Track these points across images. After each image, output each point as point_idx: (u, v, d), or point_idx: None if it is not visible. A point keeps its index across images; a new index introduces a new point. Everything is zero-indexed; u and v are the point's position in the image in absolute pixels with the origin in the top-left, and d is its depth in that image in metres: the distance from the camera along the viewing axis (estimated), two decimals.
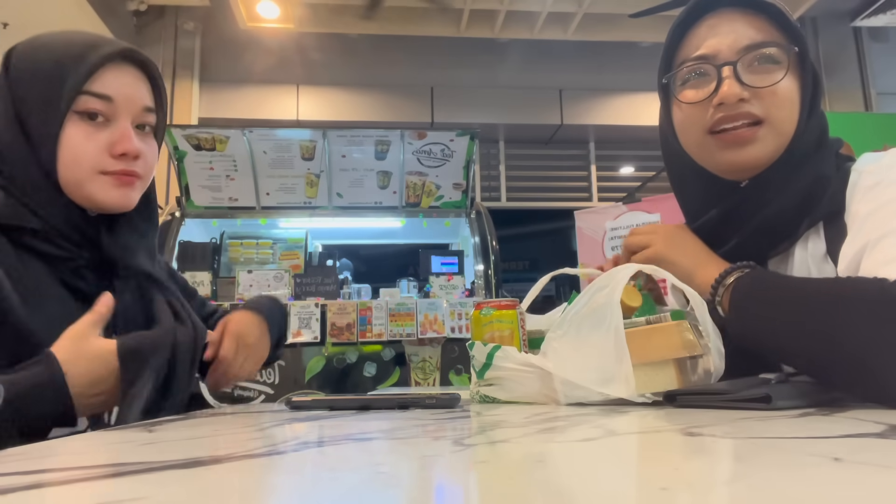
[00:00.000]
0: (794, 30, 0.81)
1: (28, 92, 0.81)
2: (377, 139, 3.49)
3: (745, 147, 0.79)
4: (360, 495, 0.28)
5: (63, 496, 0.28)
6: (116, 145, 0.83)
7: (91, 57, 0.81)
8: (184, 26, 4.87)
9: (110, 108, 0.83)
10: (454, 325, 3.13)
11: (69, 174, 0.81)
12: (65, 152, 0.81)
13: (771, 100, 0.78)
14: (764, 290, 0.72)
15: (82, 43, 0.83)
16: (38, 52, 0.83)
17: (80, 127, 0.81)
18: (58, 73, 0.80)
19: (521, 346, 0.86)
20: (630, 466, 0.37)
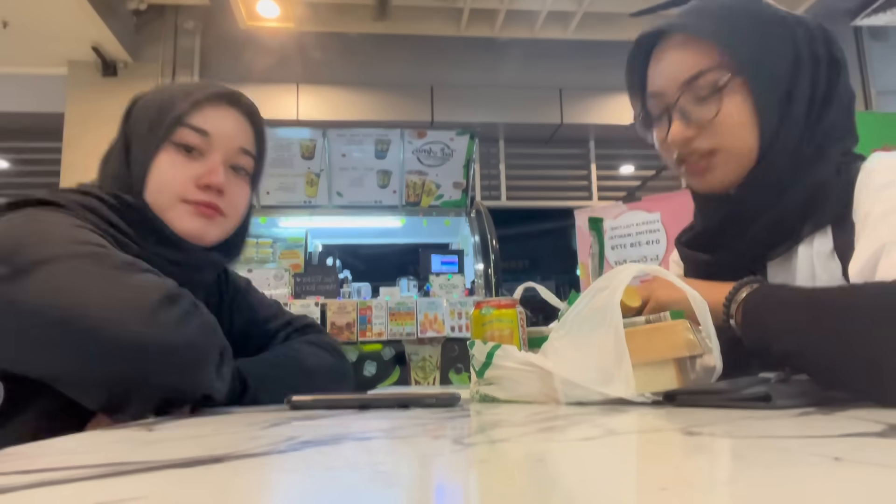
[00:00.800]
0: (740, 46, 0.79)
1: (138, 124, 0.87)
2: (377, 138, 3.49)
3: (705, 175, 0.83)
4: (360, 495, 0.28)
5: (63, 496, 0.28)
6: (202, 177, 0.86)
7: (197, 94, 0.87)
8: (184, 25, 4.86)
9: (205, 143, 0.87)
10: (454, 325, 3.13)
11: (154, 199, 0.85)
12: (153, 177, 0.85)
13: (718, 129, 0.80)
14: (777, 300, 0.71)
15: (195, 85, 0.90)
16: (155, 93, 0.90)
17: (173, 156, 0.86)
18: (165, 106, 0.86)
19: (521, 345, 0.86)
20: (630, 466, 0.37)
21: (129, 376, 0.66)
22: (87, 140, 4.48)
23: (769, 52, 0.79)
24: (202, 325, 0.72)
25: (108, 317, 0.64)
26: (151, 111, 0.87)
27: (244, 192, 0.93)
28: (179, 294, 0.71)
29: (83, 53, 4.43)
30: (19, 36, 4.18)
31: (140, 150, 0.86)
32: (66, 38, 4.26)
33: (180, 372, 0.68)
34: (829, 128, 0.80)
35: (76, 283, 0.66)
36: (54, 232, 0.71)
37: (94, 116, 4.54)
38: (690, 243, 0.90)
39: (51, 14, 3.97)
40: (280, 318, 1.07)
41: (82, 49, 4.37)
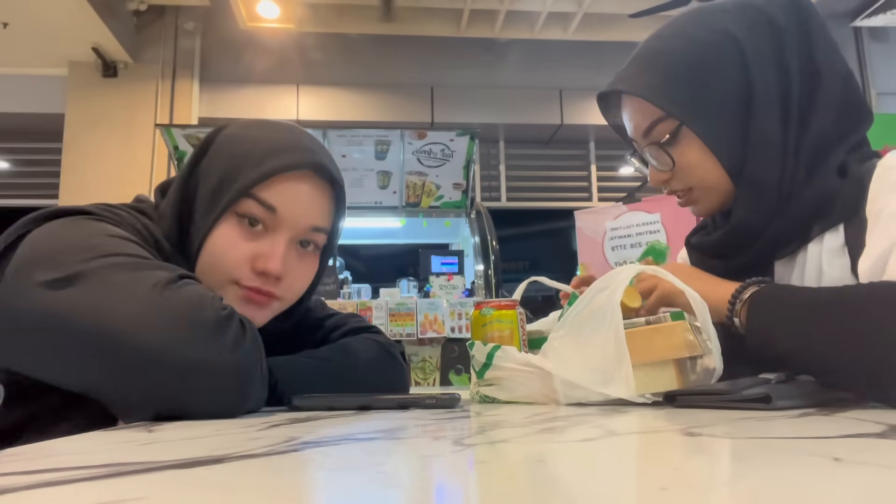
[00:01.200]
0: (677, 94, 0.80)
1: (205, 179, 0.78)
2: (377, 139, 3.49)
3: (693, 206, 0.88)
4: (360, 496, 0.28)
5: (63, 496, 0.28)
6: (259, 260, 0.76)
7: (270, 162, 0.76)
8: (184, 26, 4.86)
9: (272, 219, 0.77)
10: (454, 325, 3.13)
11: (203, 273, 0.76)
12: (207, 251, 0.76)
13: (683, 172, 0.84)
14: (781, 299, 0.71)
15: (271, 143, 0.78)
16: (231, 143, 0.79)
17: (233, 229, 0.76)
18: (234, 168, 0.76)
19: (520, 346, 0.86)
20: (630, 466, 0.37)
21: (177, 399, 0.61)
22: (87, 141, 4.48)
23: (710, 85, 0.79)
24: (252, 347, 0.66)
25: (155, 338, 0.59)
26: (217, 170, 0.77)
27: (309, 271, 0.83)
28: (231, 313, 0.66)
29: (83, 54, 4.44)
30: (19, 36, 4.18)
31: (200, 215, 0.77)
32: (66, 39, 4.27)
33: (232, 396, 0.63)
34: (819, 132, 0.78)
35: (119, 298, 0.61)
36: (96, 241, 0.66)
37: (95, 117, 4.54)
38: (701, 247, 0.91)
39: (51, 15, 3.97)
40: (331, 321, 1.02)
41: (82, 50, 4.38)
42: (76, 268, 0.62)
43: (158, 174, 4.55)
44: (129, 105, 4.62)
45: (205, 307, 0.63)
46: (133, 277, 0.63)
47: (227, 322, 0.64)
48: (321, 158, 0.79)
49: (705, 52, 0.80)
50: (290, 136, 0.80)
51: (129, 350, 0.59)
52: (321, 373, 0.86)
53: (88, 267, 0.62)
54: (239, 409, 0.65)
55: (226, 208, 0.75)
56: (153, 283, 0.62)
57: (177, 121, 4.63)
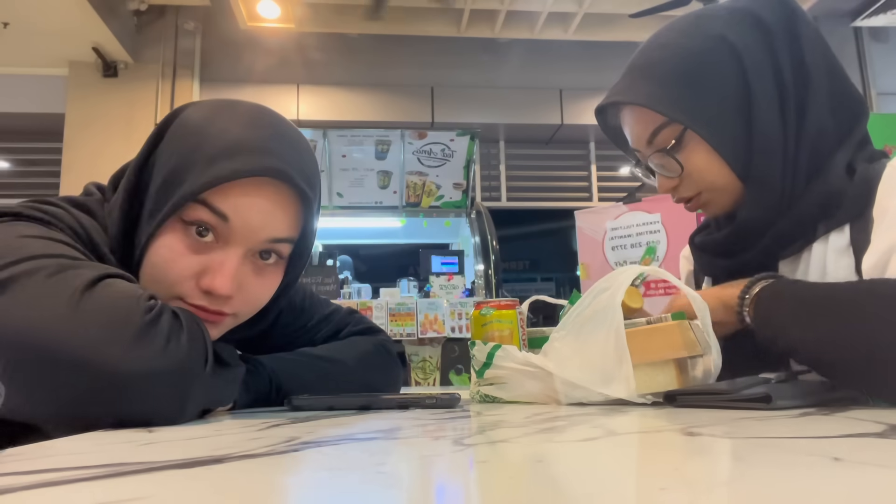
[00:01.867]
0: (677, 99, 0.79)
1: (155, 173, 0.68)
2: (377, 139, 3.49)
3: (703, 209, 0.87)
4: (360, 495, 0.28)
5: (63, 496, 0.28)
6: (206, 276, 0.66)
7: (223, 163, 0.65)
8: (184, 26, 4.86)
9: (224, 228, 0.66)
10: (454, 325, 3.14)
11: (146, 282, 0.67)
12: (149, 261, 0.67)
13: (692, 178, 0.83)
14: (789, 294, 0.71)
15: (228, 139, 0.66)
16: (184, 132, 0.69)
17: (178, 238, 0.66)
18: (182, 165, 0.66)
19: (520, 345, 0.86)
20: (630, 466, 0.37)
21: (110, 412, 0.55)
22: (87, 141, 4.49)
23: (709, 89, 0.79)
24: (190, 345, 0.58)
25: (76, 348, 0.53)
26: (169, 163, 0.67)
27: (269, 284, 0.73)
28: (159, 312, 0.58)
29: (84, 54, 4.44)
30: (20, 36, 4.18)
31: (146, 215, 0.68)
32: (66, 39, 4.27)
33: (168, 402, 0.57)
34: (819, 128, 0.79)
35: (37, 305, 0.55)
36: (17, 244, 0.59)
37: (95, 117, 4.54)
38: (705, 247, 0.91)
39: (51, 14, 3.97)
40: (330, 322, 0.98)
41: (83, 49, 4.38)
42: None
43: None
44: (129, 105, 4.62)
45: (128, 310, 0.56)
46: (53, 281, 0.56)
47: (154, 324, 0.57)
48: (285, 163, 0.67)
49: (701, 57, 0.80)
50: (251, 132, 0.68)
51: (47, 363, 0.53)
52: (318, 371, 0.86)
53: (6, 274, 0.56)
54: (182, 414, 0.58)
55: (170, 213, 0.65)
56: (74, 288, 0.56)
57: None
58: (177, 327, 0.58)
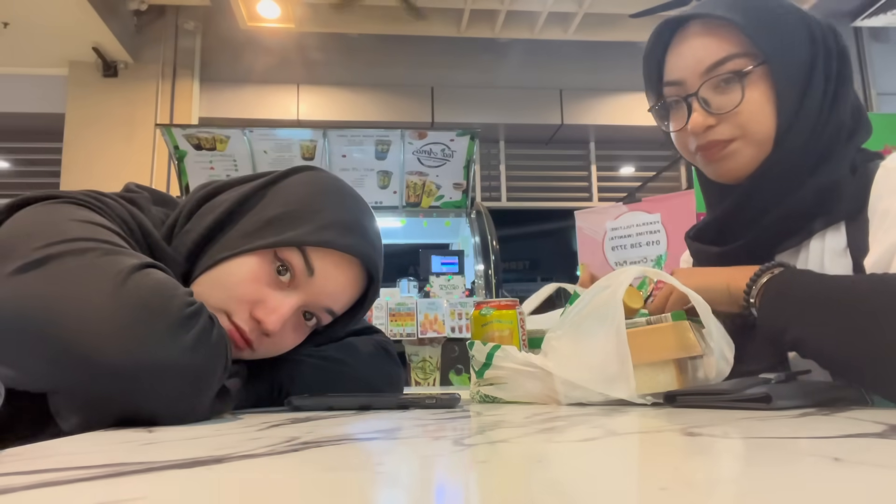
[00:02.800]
0: (763, 33, 0.79)
1: (266, 204, 0.75)
2: (377, 139, 3.49)
3: (722, 162, 0.83)
4: (360, 496, 0.28)
5: (63, 496, 0.28)
6: (261, 308, 0.70)
7: (337, 231, 0.73)
8: (184, 26, 4.87)
9: (302, 280, 0.72)
10: (454, 325, 3.13)
11: (201, 288, 0.70)
12: (223, 269, 0.71)
13: (739, 118, 0.80)
14: (798, 285, 0.70)
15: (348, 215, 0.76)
16: (314, 187, 0.77)
17: (263, 267, 0.71)
18: (302, 213, 0.73)
19: (520, 346, 0.86)
20: (630, 466, 0.37)
21: (129, 401, 0.56)
22: (87, 141, 4.49)
23: (790, 42, 0.79)
24: (217, 349, 0.61)
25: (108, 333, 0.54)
26: (287, 204, 0.74)
27: (296, 340, 0.78)
28: (200, 308, 0.60)
29: (84, 54, 4.44)
30: (20, 36, 4.18)
31: (238, 233, 0.73)
32: (66, 39, 4.27)
33: (187, 399, 0.58)
34: (839, 123, 0.80)
35: (78, 285, 0.56)
36: (66, 226, 0.62)
37: (95, 117, 4.55)
38: (699, 236, 0.90)
39: (51, 14, 3.98)
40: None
41: (83, 49, 4.38)
42: (40, 253, 0.58)
43: (159, 174, 4.55)
44: (129, 105, 4.63)
45: (171, 298, 0.58)
46: (96, 263, 0.58)
47: (194, 318, 0.59)
48: (376, 256, 0.78)
49: (787, 12, 0.81)
50: (364, 219, 0.78)
51: (77, 344, 0.54)
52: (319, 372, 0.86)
53: (52, 251, 0.58)
54: (193, 414, 0.59)
55: (270, 245, 0.71)
56: (118, 270, 0.57)
57: (177, 120, 4.63)
58: (209, 327, 0.60)
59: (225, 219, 0.74)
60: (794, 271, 0.73)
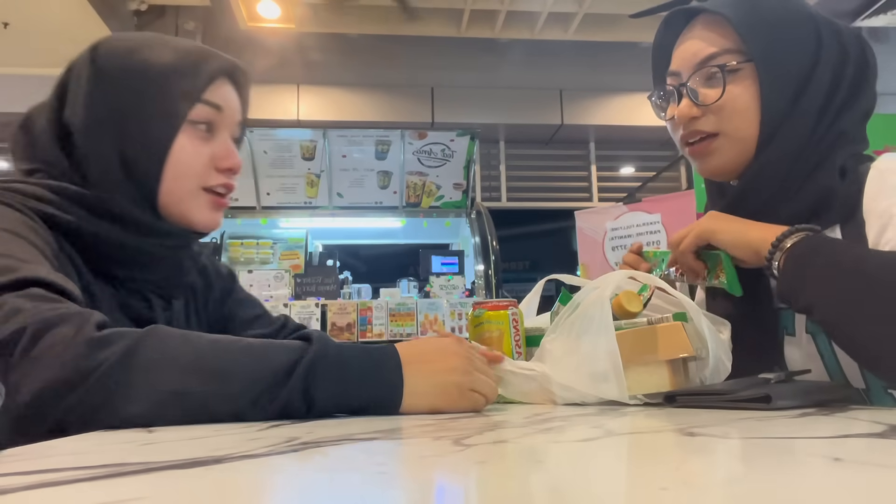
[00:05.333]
0: (754, 31, 0.80)
1: (133, 98, 0.75)
2: (377, 139, 3.49)
3: (704, 158, 0.85)
4: (360, 495, 0.28)
5: (63, 496, 0.28)
6: (223, 159, 0.80)
7: (207, 66, 0.79)
8: (184, 26, 4.86)
9: (218, 119, 0.80)
10: (454, 325, 3.14)
11: (173, 186, 0.76)
12: (173, 163, 0.76)
13: (721, 113, 0.81)
14: (822, 253, 0.69)
15: (191, 50, 0.80)
16: (140, 55, 0.77)
17: (191, 137, 0.77)
18: (176, 78, 0.76)
19: (512, 347, 0.85)
20: (630, 466, 0.37)
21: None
22: None
23: (787, 45, 0.80)
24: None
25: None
26: (152, 84, 0.75)
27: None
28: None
29: None
30: (20, 36, 4.18)
31: (150, 130, 0.75)
32: (66, 39, 4.26)
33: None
34: (842, 132, 0.79)
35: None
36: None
37: None
38: None
39: (51, 15, 3.97)
40: (273, 322, 0.99)
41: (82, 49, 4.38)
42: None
43: None
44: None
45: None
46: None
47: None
48: (237, 61, 0.85)
49: (795, 8, 0.82)
50: (193, 44, 0.83)
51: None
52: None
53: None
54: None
55: (184, 118, 0.76)
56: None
57: None
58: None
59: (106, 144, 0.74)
60: (822, 237, 0.71)
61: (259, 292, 3.20)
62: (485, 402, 0.67)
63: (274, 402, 0.58)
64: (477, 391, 0.66)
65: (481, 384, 0.67)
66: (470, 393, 0.65)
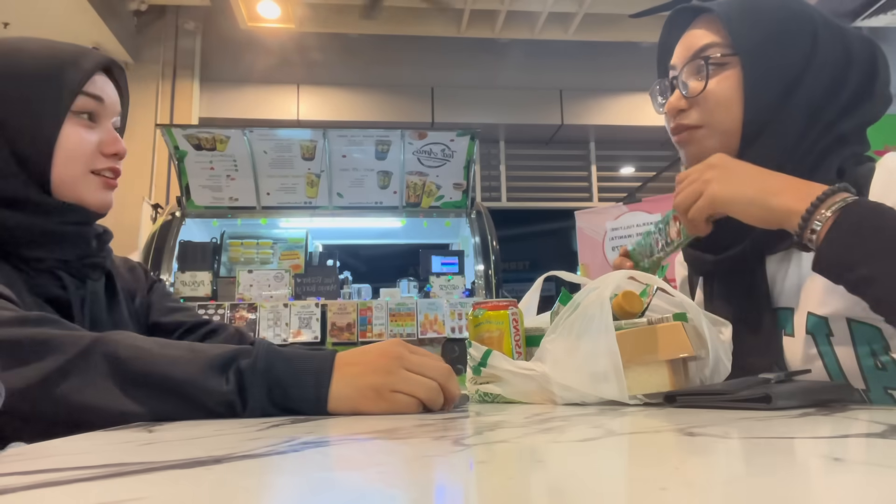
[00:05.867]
0: (742, 27, 0.81)
1: (17, 94, 0.81)
2: (377, 139, 3.49)
3: (688, 146, 0.87)
4: (360, 495, 0.28)
5: (63, 496, 0.28)
6: (108, 146, 0.87)
7: (85, 62, 0.85)
8: (184, 26, 4.87)
9: (99, 109, 0.87)
10: (454, 325, 3.14)
11: (64, 172, 0.83)
12: (61, 151, 0.83)
13: (704, 105, 0.84)
14: (879, 217, 0.64)
15: (68, 49, 0.86)
16: (21, 56, 0.83)
17: (76, 127, 0.84)
18: (56, 74, 0.82)
19: (512, 347, 0.85)
20: (630, 466, 0.37)
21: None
22: None
23: (777, 43, 0.80)
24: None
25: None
26: (35, 80, 0.82)
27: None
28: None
29: None
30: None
31: (37, 122, 0.82)
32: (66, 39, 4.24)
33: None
34: (841, 136, 0.79)
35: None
36: None
37: None
38: (695, 242, 0.90)
39: (51, 14, 3.97)
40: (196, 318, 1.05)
41: None
42: None
43: (159, 174, 4.55)
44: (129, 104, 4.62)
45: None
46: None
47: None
48: (111, 58, 0.92)
49: (790, 12, 0.82)
50: (70, 43, 0.90)
51: None
52: None
53: None
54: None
55: (66, 110, 0.83)
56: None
57: (177, 121, 4.63)
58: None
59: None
60: (869, 202, 0.66)
61: (259, 292, 3.20)
62: (416, 404, 0.64)
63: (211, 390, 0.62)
64: (404, 392, 0.64)
65: (410, 385, 0.64)
66: (391, 394, 0.63)
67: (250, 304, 3.11)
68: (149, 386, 0.62)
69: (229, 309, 3.07)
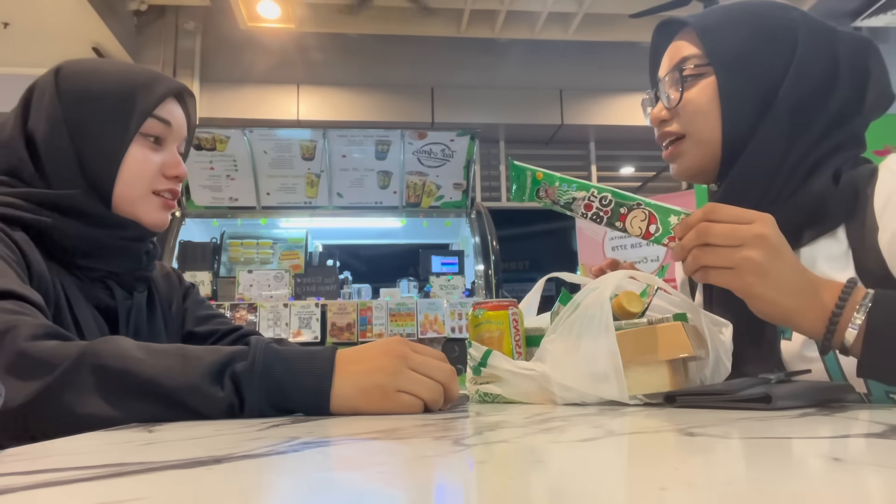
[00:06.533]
0: (715, 38, 0.82)
1: (91, 113, 0.85)
2: (377, 139, 3.49)
3: (675, 160, 0.89)
4: (360, 495, 0.28)
5: (63, 496, 0.28)
6: (171, 168, 0.91)
7: (158, 87, 0.89)
8: (184, 26, 4.87)
9: (167, 133, 0.91)
10: (454, 325, 3.14)
11: (126, 190, 0.87)
12: (126, 170, 0.87)
13: (684, 114, 0.86)
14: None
15: (144, 73, 0.90)
16: (98, 76, 0.87)
17: (143, 148, 0.88)
18: (129, 96, 0.86)
19: (513, 347, 0.85)
20: (630, 466, 0.37)
21: None
22: None
23: (755, 54, 0.81)
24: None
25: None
26: (108, 102, 0.86)
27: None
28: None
29: (84, 54, 4.43)
30: (20, 36, 4.18)
31: (106, 141, 0.86)
32: (66, 39, 4.27)
33: None
34: (839, 142, 0.79)
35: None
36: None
37: None
38: None
39: (51, 15, 3.97)
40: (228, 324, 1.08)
41: (83, 49, 4.38)
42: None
43: None
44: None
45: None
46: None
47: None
48: (184, 85, 0.96)
49: (768, 20, 0.83)
50: (146, 68, 0.94)
51: None
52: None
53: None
54: None
55: (135, 131, 0.87)
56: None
57: None
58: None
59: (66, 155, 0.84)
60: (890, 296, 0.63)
61: (259, 292, 3.20)
62: (420, 405, 0.64)
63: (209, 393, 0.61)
64: (408, 392, 0.63)
65: (414, 385, 0.64)
66: (396, 394, 0.63)
67: (250, 305, 3.11)
68: (142, 397, 0.60)
69: (229, 309, 3.07)
